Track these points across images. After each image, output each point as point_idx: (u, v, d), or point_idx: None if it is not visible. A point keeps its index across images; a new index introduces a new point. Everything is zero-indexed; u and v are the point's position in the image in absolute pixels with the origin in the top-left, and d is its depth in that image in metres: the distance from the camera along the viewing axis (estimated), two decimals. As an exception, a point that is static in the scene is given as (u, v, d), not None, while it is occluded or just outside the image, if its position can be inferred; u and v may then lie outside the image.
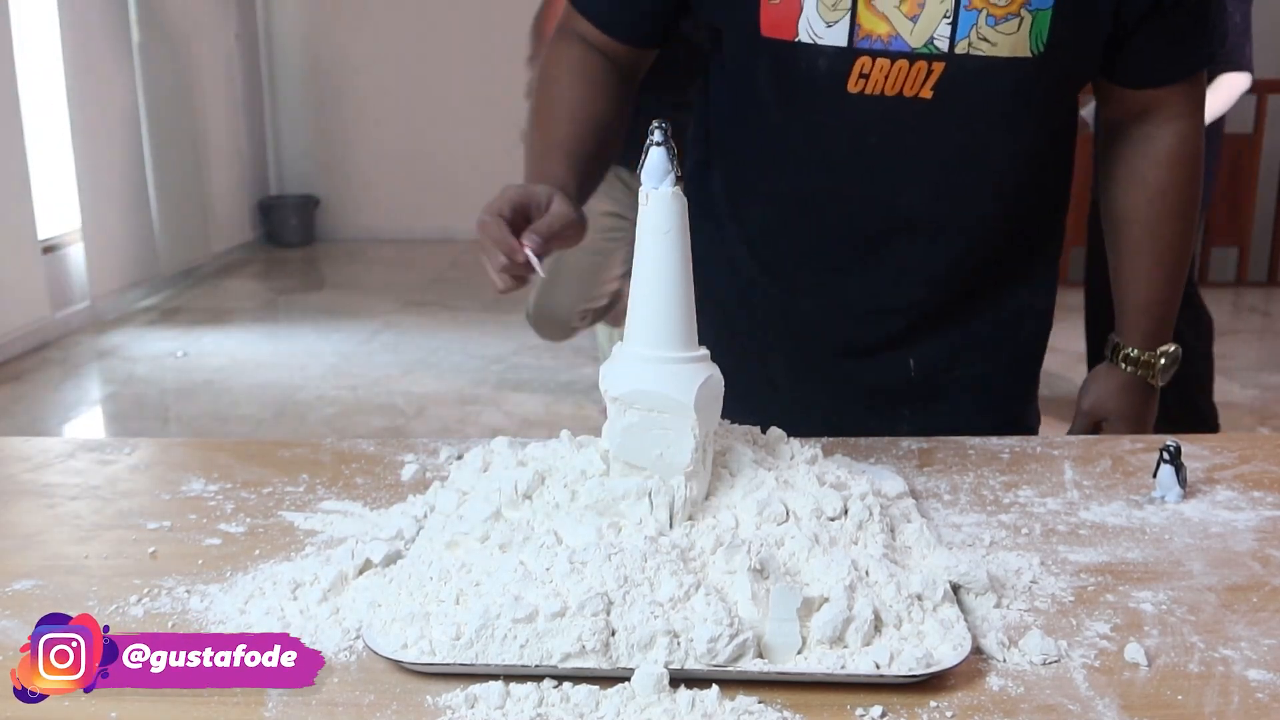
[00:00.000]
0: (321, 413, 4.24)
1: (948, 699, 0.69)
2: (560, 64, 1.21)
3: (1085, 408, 1.32)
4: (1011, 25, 1.05)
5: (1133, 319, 1.28)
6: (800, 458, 0.95)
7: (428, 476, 1.06)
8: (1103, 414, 1.32)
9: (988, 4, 1.04)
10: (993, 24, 1.05)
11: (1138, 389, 1.29)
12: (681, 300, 0.88)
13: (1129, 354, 1.28)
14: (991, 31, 1.05)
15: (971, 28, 1.05)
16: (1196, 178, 1.23)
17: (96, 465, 1.11)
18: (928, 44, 1.06)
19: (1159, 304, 1.27)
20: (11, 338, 4.91)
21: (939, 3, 1.05)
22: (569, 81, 1.19)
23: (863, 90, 1.09)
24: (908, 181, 1.15)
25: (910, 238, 1.18)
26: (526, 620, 0.70)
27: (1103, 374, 1.32)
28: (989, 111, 1.11)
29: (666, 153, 0.86)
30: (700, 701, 0.67)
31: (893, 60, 1.07)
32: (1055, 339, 1.37)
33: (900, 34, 1.06)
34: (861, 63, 1.08)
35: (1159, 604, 0.82)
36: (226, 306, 6.00)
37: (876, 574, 0.77)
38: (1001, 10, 1.04)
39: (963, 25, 1.05)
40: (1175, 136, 1.21)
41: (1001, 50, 1.06)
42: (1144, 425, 1.32)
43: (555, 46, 1.23)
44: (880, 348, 1.23)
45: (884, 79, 1.08)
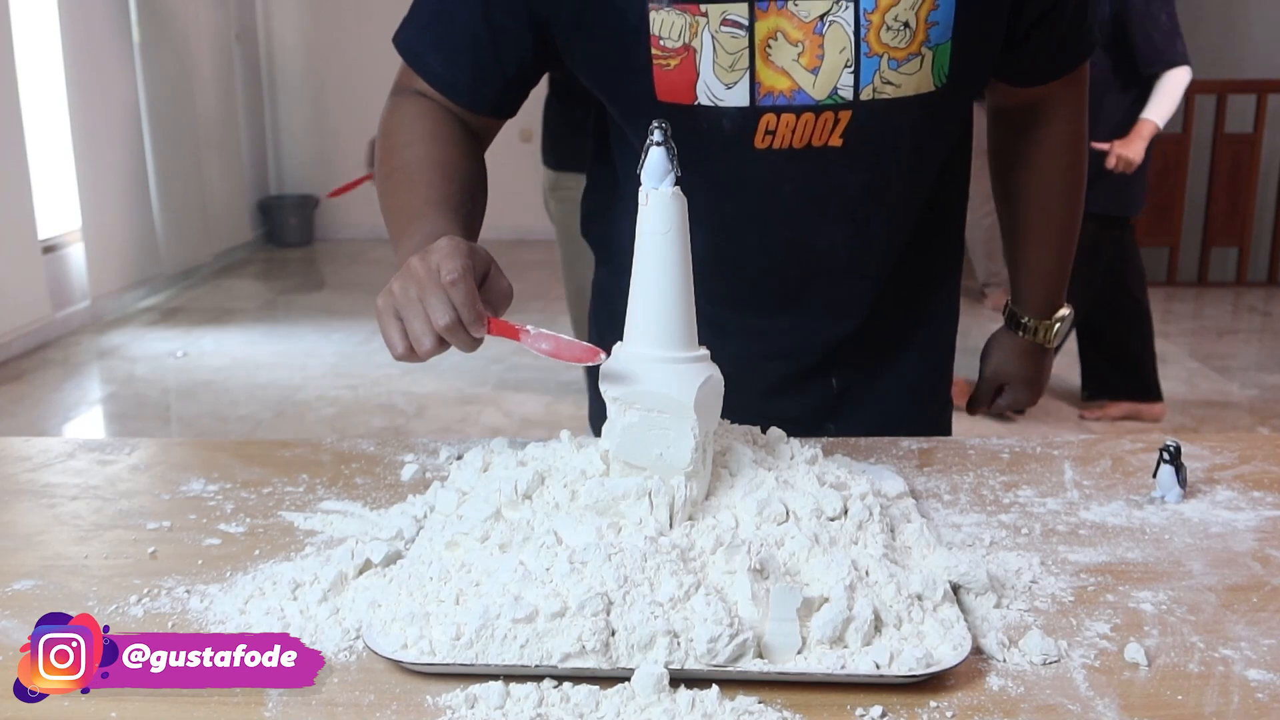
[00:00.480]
0: (321, 413, 4.24)
1: (948, 699, 0.69)
2: (417, 123, 1.13)
3: (988, 374, 1.43)
4: (913, 65, 1.03)
5: (1028, 290, 1.37)
6: (800, 458, 0.95)
7: (428, 476, 1.06)
8: (1004, 378, 1.42)
9: (887, 48, 1.02)
10: (895, 66, 1.03)
11: (1034, 353, 1.40)
12: (681, 300, 0.88)
13: (1025, 322, 1.38)
14: (894, 74, 1.03)
15: (874, 73, 1.03)
16: (1082, 160, 1.31)
17: (96, 465, 1.11)
18: (832, 95, 1.04)
19: (1051, 275, 1.36)
20: (12, 338, 4.91)
21: (839, 53, 1.02)
22: (432, 142, 1.11)
23: (770, 145, 1.06)
24: (824, 224, 1.14)
25: (830, 278, 1.19)
26: (526, 620, 0.70)
27: (1002, 341, 1.42)
28: (899, 146, 1.11)
29: (666, 153, 0.86)
30: (700, 701, 0.67)
31: (798, 114, 1.05)
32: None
33: (803, 88, 1.03)
34: (766, 120, 1.05)
35: (1159, 604, 0.82)
36: (226, 306, 6.00)
37: (876, 574, 0.77)
38: (902, 52, 1.03)
39: (865, 72, 1.03)
40: (1062, 124, 1.27)
41: (906, 90, 1.05)
42: (1040, 386, 1.44)
43: (404, 106, 1.15)
44: (805, 377, 1.24)
45: (791, 133, 1.06)
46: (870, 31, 1.01)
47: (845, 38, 1.02)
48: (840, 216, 1.14)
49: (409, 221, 1.03)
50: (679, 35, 1.02)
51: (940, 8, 1.02)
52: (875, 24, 1.01)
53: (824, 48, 1.02)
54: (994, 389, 1.44)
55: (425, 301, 0.87)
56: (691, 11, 1.01)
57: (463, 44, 1.11)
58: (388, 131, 1.15)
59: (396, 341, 0.89)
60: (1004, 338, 1.42)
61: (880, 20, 1.01)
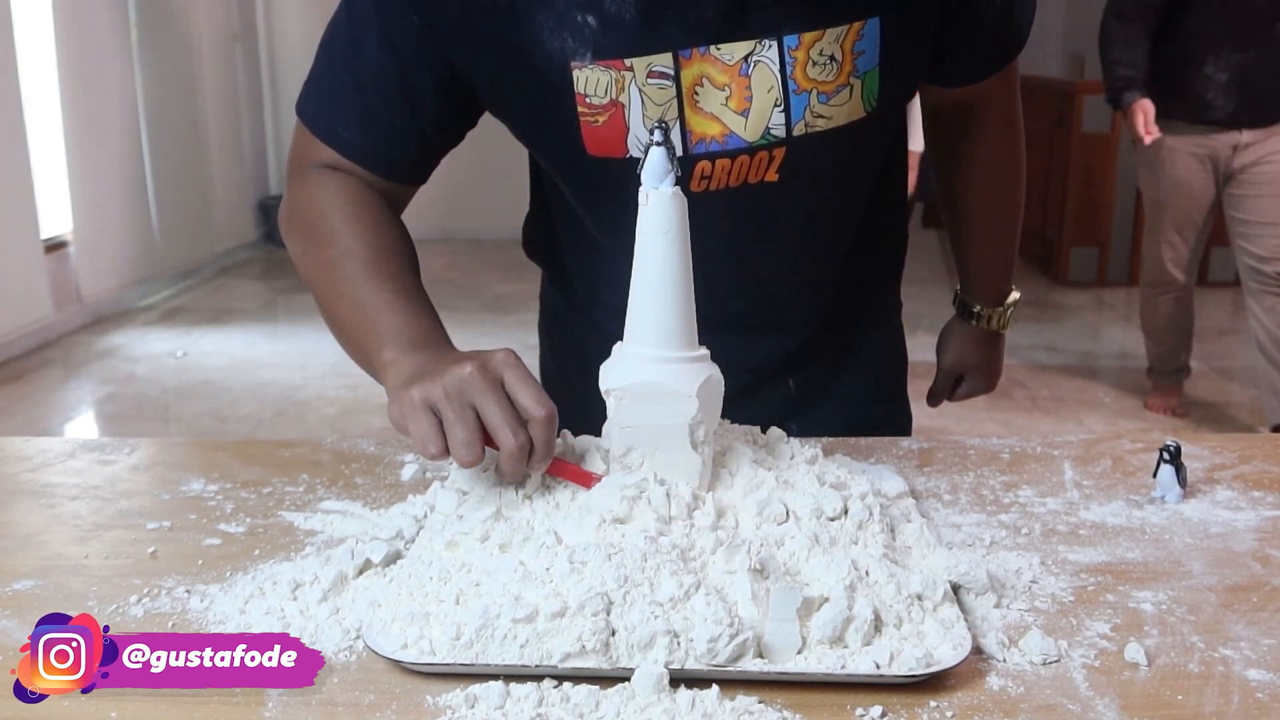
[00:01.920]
0: (321, 413, 4.24)
1: (948, 699, 0.69)
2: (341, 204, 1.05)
3: (947, 365, 1.46)
4: (843, 96, 1.02)
5: (978, 280, 1.40)
6: (800, 458, 0.95)
7: (428, 476, 1.06)
8: (962, 368, 1.46)
9: (815, 83, 1.01)
10: (825, 100, 1.02)
11: (990, 340, 1.44)
12: (681, 300, 0.88)
13: (978, 311, 1.41)
14: (825, 107, 1.02)
15: (805, 109, 1.02)
16: (1020, 150, 1.33)
17: (96, 465, 1.11)
18: (765, 135, 1.02)
19: (1001, 265, 1.40)
20: (12, 338, 4.91)
21: (766, 92, 1.01)
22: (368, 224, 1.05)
23: (707, 188, 1.05)
24: (768, 254, 1.14)
25: (776, 300, 1.19)
26: (526, 620, 0.70)
27: (957, 331, 1.45)
28: (835, 171, 1.10)
29: (666, 153, 0.86)
30: (700, 701, 0.67)
31: (733, 158, 1.03)
32: (1056, 339, 1.39)
33: (734, 131, 1.02)
34: (701, 166, 1.03)
35: (1159, 604, 0.82)
36: (226, 306, 6.00)
37: (876, 574, 0.77)
38: (830, 85, 1.01)
39: (795, 109, 1.01)
40: (998, 116, 1.28)
41: (838, 120, 1.03)
42: (996, 373, 1.48)
43: (318, 183, 1.07)
44: (762, 385, 1.23)
45: (726, 175, 1.04)
46: (796, 69, 1.00)
47: (772, 76, 1.00)
48: (782, 245, 1.14)
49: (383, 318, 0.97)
50: (605, 91, 1.00)
51: (865, 37, 1.00)
52: (800, 60, 1.00)
53: (751, 89, 1.00)
54: (953, 379, 1.47)
55: (483, 408, 0.83)
56: (616, 67, 0.99)
57: (377, 110, 1.05)
58: (308, 215, 1.07)
59: (433, 439, 0.83)
60: (958, 327, 1.44)
61: (805, 56, 0.99)
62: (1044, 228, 6.76)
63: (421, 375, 0.87)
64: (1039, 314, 5.65)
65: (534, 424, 0.84)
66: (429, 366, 0.88)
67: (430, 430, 0.83)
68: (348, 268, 1.01)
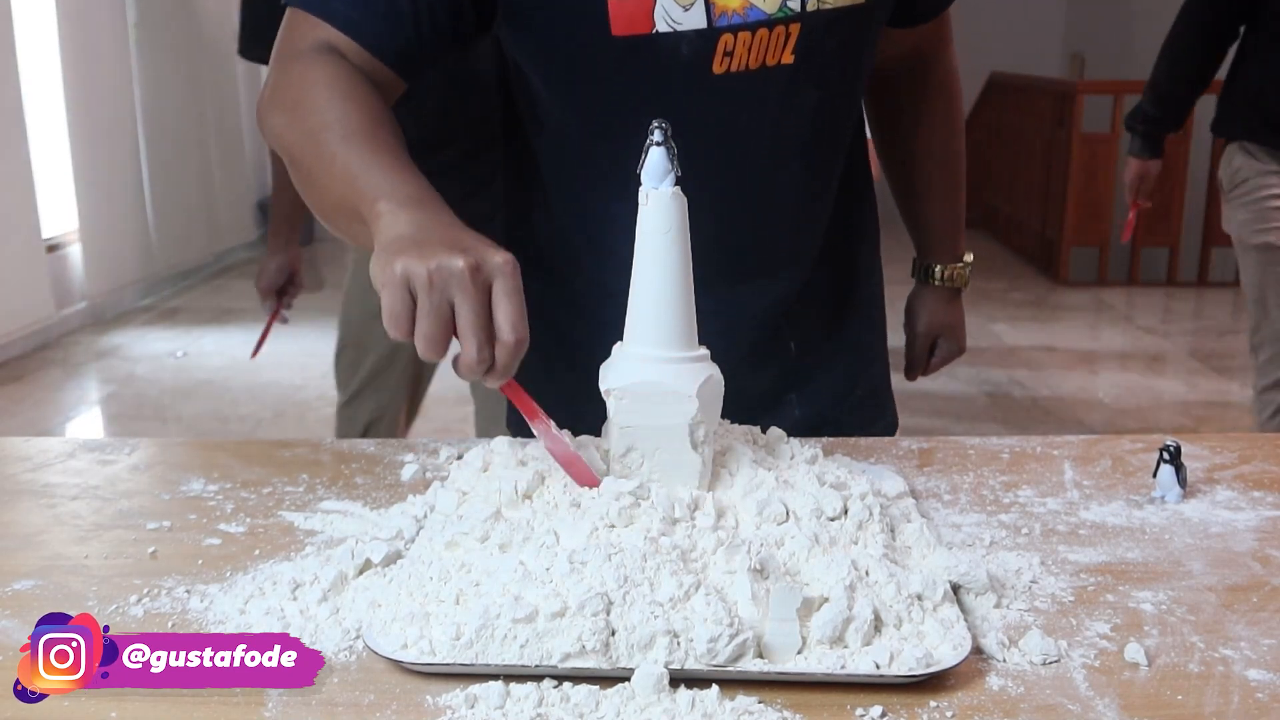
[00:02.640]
0: (321, 413, 4.24)
1: (948, 699, 0.69)
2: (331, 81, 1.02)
3: (921, 330, 1.48)
4: None
5: (938, 241, 1.45)
6: (800, 457, 0.95)
7: (428, 476, 1.06)
8: (936, 330, 1.48)
9: None
10: None
11: (954, 299, 1.48)
12: (681, 300, 0.88)
13: (941, 271, 1.45)
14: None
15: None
16: (959, 105, 1.41)
17: (96, 465, 1.11)
18: (782, 8, 1.07)
19: (955, 223, 1.45)
20: (13, 338, 4.91)
21: None
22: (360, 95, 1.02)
23: (728, 69, 1.08)
24: (779, 161, 1.17)
25: (781, 229, 1.21)
26: (526, 620, 0.70)
27: (924, 297, 1.48)
28: (841, 62, 1.15)
29: (666, 152, 0.86)
30: (700, 701, 0.67)
31: (753, 31, 1.07)
32: (1056, 339, 1.39)
33: (754, 3, 1.06)
34: (724, 40, 1.07)
35: (1159, 604, 0.82)
36: (226, 306, 6.00)
37: (876, 574, 0.77)
38: None
39: None
40: (940, 78, 1.37)
41: (842, 1, 1.09)
42: (964, 332, 1.52)
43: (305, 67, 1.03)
44: (767, 343, 1.25)
45: (747, 53, 1.08)
46: None
47: None
48: (792, 151, 1.17)
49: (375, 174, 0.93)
50: None
51: None
52: None
53: None
54: (929, 345, 1.49)
55: (460, 309, 0.82)
56: None
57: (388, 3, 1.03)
58: (291, 92, 1.03)
59: (400, 322, 0.82)
60: (925, 293, 1.48)
61: None
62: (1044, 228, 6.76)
63: (413, 244, 0.84)
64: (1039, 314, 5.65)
65: (501, 346, 0.82)
66: (423, 235, 0.85)
67: (402, 311, 0.82)
68: (337, 132, 0.97)
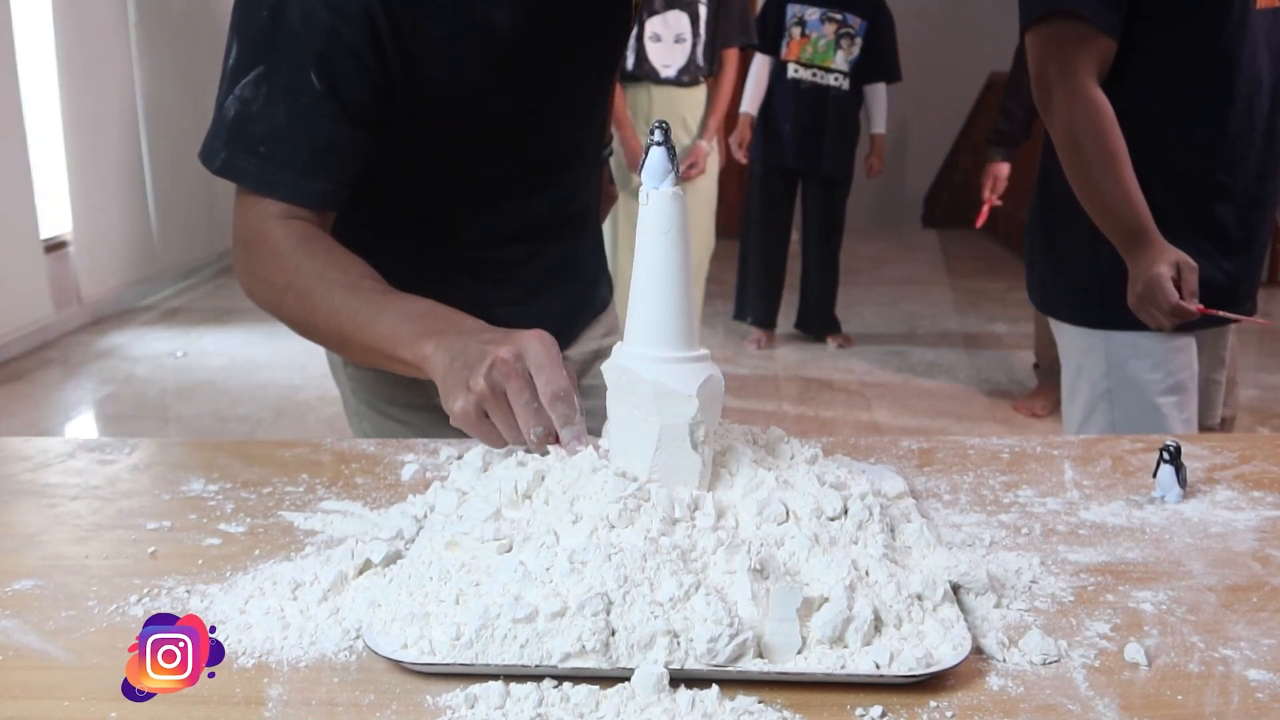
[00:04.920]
0: (321, 413, 4.24)
1: (948, 699, 0.69)
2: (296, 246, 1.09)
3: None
4: None
5: None
6: (800, 457, 0.95)
7: (428, 476, 1.06)
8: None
9: None
10: None
11: None
12: (681, 300, 0.88)
13: None
14: None
15: None
16: None
17: (96, 465, 1.11)
18: None
19: None
20: (12, 338, 4.91)
21: None
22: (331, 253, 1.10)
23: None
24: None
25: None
26: (526, 620, 0.70)
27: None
28: None
29: (666, 152, 0.86)
30: (700, 701, 0.67)
31: None
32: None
33: None
34: None
35: (1159, 604, 0.82)
36: (226, 306, 6.00)
37: (876, 574, 0.77)
38: None
39: None
40: None
41: None
42: None
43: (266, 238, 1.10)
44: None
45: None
46: None
47: None
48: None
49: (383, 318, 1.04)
50: None
51: None
52: None
53: None
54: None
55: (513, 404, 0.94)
56: None
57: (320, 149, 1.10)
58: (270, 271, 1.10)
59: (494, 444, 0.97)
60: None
61: None
62: (1044, 228, 6.73)
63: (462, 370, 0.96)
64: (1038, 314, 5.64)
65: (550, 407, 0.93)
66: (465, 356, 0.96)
67: (490, 436, 0.96)
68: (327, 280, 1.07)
